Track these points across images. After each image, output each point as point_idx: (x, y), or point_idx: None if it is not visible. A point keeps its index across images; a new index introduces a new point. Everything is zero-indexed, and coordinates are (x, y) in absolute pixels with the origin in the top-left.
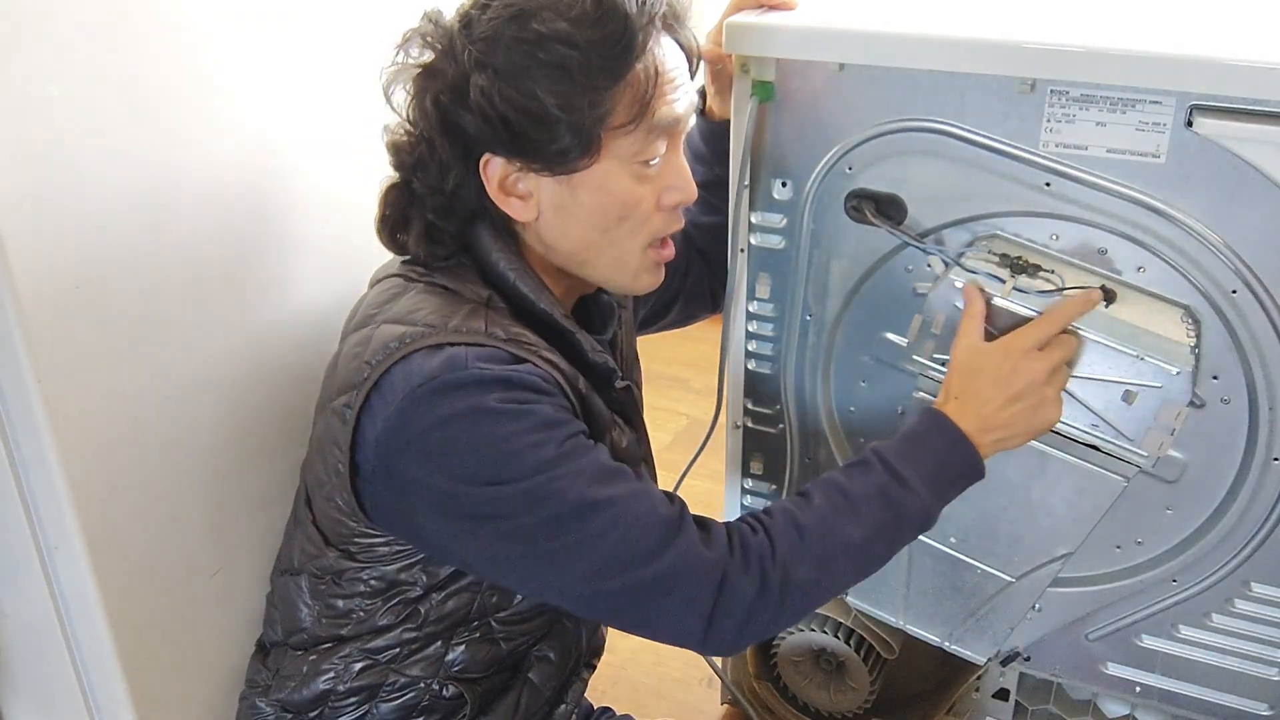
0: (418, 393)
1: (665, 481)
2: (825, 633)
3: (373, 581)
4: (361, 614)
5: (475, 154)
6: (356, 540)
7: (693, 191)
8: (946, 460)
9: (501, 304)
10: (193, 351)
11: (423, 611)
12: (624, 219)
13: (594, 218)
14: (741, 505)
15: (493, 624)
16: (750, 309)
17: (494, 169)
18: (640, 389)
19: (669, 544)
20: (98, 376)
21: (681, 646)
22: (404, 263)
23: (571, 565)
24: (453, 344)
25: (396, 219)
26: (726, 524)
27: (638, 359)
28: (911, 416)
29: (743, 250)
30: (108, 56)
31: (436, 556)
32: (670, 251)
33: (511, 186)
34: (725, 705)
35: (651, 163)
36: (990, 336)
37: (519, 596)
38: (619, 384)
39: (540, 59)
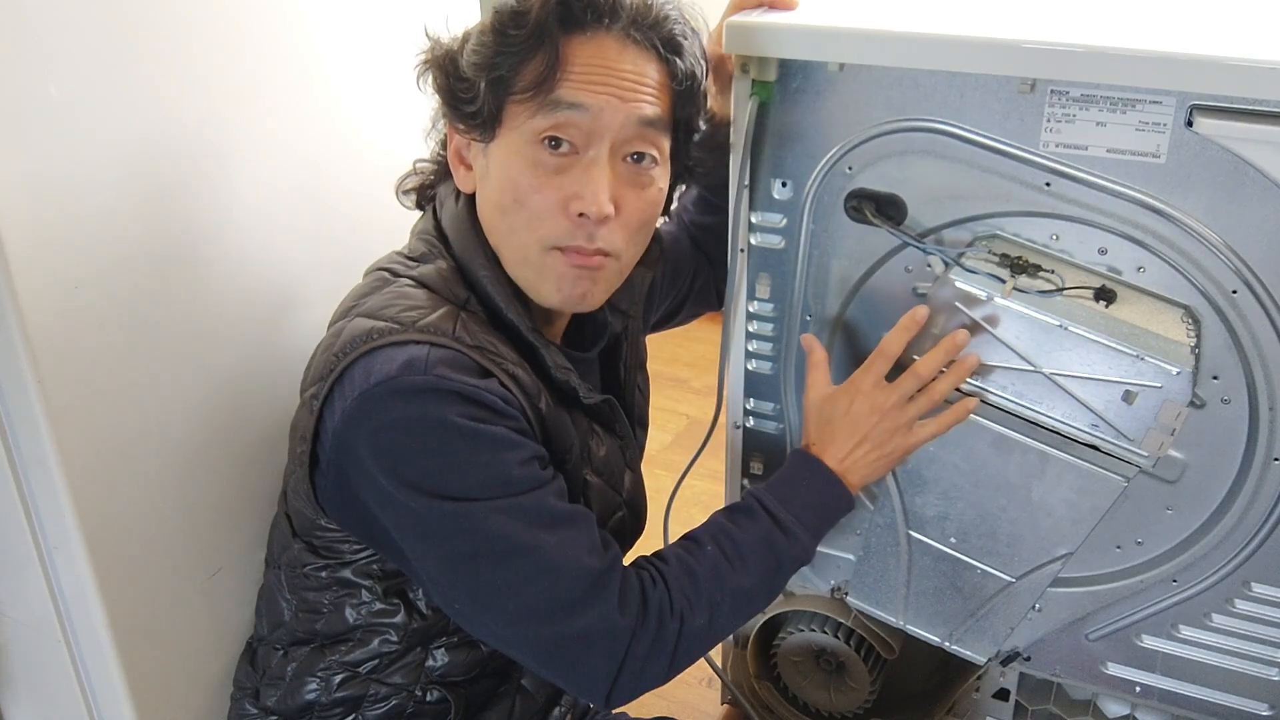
0: (374, 391)
1: (665, 481)
2: (825, 633)
3: (335, 577)
4: (328, 607)
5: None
6: (317, 534)
7: (599, 209)
8: (821, 500)
9: (478, 308)
10: (192, 351)
11: (397, 620)
12: (519, 204)
13: (496, 195)
14: None
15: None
16: (750, 309)
17: (453, 136)
18: (646, 394)
19: (588, 604)
20: (98, 376)
21: (586, 700)
22: (395, 254)
23: (490, 603)
24: (417, 342)
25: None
26: (638, 575)
27: (643, 366)
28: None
29: (743, 250)
30: (108, 56)
31: (387, 558)
32: (586, 261)
33: (464, 155)
34: (725, 705)
35: (554, 148)
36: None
37: None
38: (587, 400)
39: (484, 24)
